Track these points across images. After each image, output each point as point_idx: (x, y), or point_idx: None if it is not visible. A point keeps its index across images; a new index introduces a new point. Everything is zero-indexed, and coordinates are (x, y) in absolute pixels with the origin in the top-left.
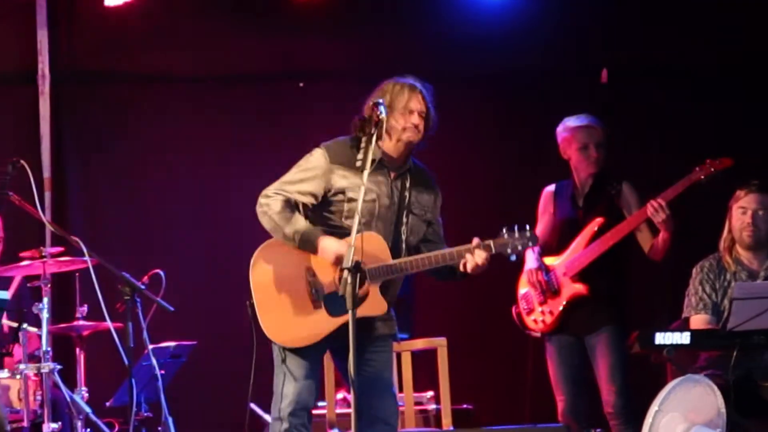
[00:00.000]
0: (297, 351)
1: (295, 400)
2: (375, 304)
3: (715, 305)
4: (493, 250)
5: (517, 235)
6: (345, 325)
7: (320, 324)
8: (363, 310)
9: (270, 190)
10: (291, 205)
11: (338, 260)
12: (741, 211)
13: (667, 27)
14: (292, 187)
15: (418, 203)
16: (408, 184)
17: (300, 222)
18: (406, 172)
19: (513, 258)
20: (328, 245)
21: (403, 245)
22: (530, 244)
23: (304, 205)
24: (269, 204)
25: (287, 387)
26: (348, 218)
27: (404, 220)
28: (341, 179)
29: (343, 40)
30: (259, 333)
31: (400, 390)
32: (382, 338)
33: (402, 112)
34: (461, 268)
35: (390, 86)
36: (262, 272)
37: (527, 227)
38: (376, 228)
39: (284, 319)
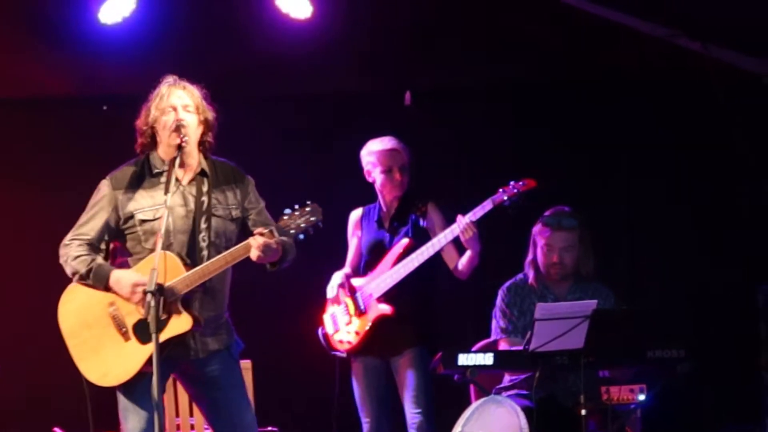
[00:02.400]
0: (129, 388)
1: None
2: (178, 322)
3: (524, 328)
4: (276, 235)
5: (298, 213)
6: (166, 347)
7: (135, 355)
8: (168, 332)
9: (67, 238)
10: (91, 248)
11: (134, 288)
12: (547, 249)
13: (467, 48)
14: (85, 227)
15: (220, 203)
16: (205, 188)
17: (92, 262)
18: (198, 176)
19: (301, 237)
20: (119, 276)
21: (204, 252)
22: (314, 218)
23: (109, 242)
24: (68, 252)
25: (130, 423)
26: (146, 241)
27: (202, 226)
28: (128, 202)
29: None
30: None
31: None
32: (213, 354)
33: (164, 112)
34: (255, 259)
35: (153, 94)
36: (68, 318)
37: (308, 202)
38: (177, 241)
39: (100, 360)
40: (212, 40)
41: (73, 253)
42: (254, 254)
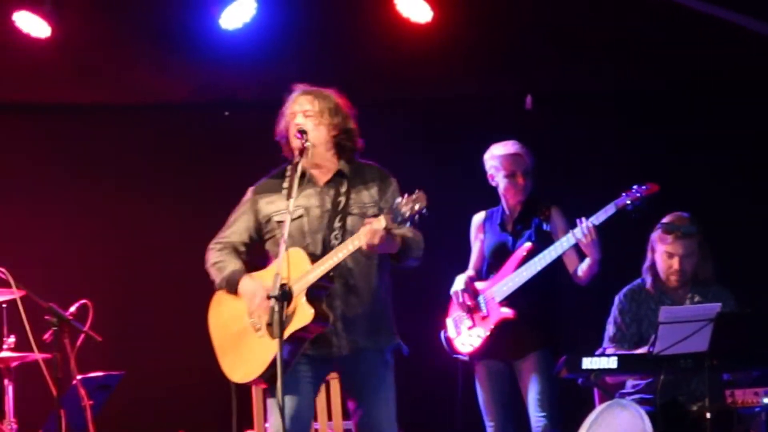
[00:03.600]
0: (274, 385)
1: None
2: (301, 316)
3: (633, 336)
4: (383, 222)
5: (404, 201)
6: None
7: (267, 350)
8: (291, 326)
9: (211, 242)
10: (228, 251)
11: (252, 299)
12: (667, 256)
13: (591, 52)
14: (227, 231)
15: (356, 203)
16: (344, 188)
17: (227, 268)
18: (337, 176)
19: (407, 224)
20: (243, 286)
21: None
22: (419, 205)
23: (249, 244)
24: (207, 258)
25: (272, 420)
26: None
27: (336, 225)
28: (267, 206)
29: (268, 69)
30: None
31: (329, 418)
32: (362, 352)
33: (287, 120)
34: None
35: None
36: (214, 317)
37: (416, 190)
38: (313, 240)
39: (238, 358)
40: (332, 45)
41: (211, 259)
42: (362, 240)
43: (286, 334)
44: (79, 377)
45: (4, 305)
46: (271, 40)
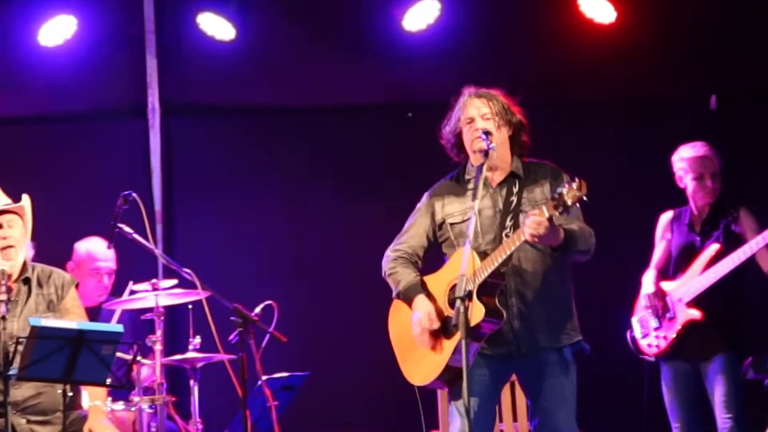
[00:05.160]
0: (455, 388)
1: None
2: (472, 313)
3: None
4: (546, 212)
5: (566, 189)
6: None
7: (442, 350)
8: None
9: (388, 248)
10: (403, 261)
11: (415, 324)
12: None
13: None
14: (404, 236)
15: (529, 202)
16: (516, 188)
17: (402, 280)
18: (509, 177)
19: (568, 214)
20: (415, 305)
21: None
22: (579, 193)
23: (426, 247)
24: (384, 266)
25: (454, 423)
26: (459, 244)
27: (507, 223)
28: (442, 209)
29: (451, 70)
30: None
31: (514, 419)
32: (541, 352)
33: (464, 123)
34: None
35: (456, 106)
36: (394, 323)
37: (575, 178)
38: (485, 241)
39: (415, 361)
40: (516, 47)
41: (386, 268)
42: (526, 232)
43: (459, 335)
44: (264, 378)
45: (190, 306)
46: (454, 42)
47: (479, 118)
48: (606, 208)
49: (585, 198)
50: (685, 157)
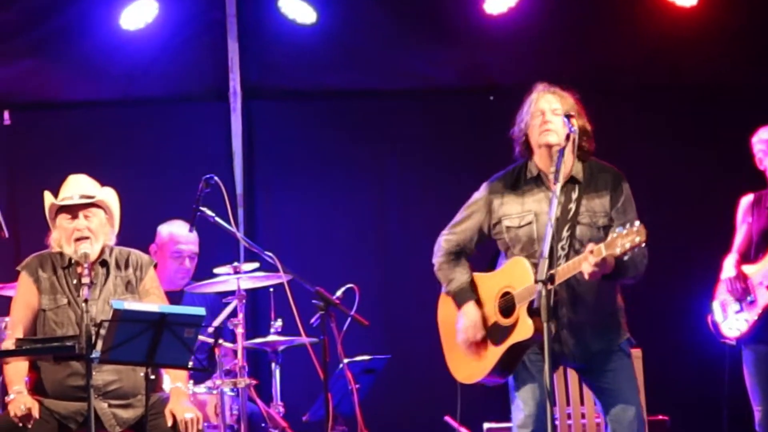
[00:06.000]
0: (516, 382)
1: (519, 426)
2: (522, 330)
3: None
4: (604, 253)
5: (625, 232)
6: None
7: (487, 356)
8: (512, 338)
9: (440, 237)
10: (454, 257)
11: (460, 332)
12: None
13: None
14: (459, 227)
15: (587, 211)
16: (575, 195)
17: (454, 281)
18: (569, 182)
19: (626, 258)
20: (463, 312)
21: (561, 261)
22: (638, 239)
23: (478, 241)
24: (435, 255)
25: (516, 414)
26: (514, 247)
27: (564, 234)
28: (500, 208)
29: (532, 54)
30: None
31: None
32: (596, 354)
33: (534, 117)
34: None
35: (526, 101)
36: (443, 314)
37: (636, 223)
38: (540, 250)
39: (460, 360)
40: (597, 31)
41: (437, 260)
42: (585, 271)
43: (505, 345)
44: (345, 361)
45: (271, 290)
46: (536, 25)
47: (549, 112)
48: (686, 191)
49: (644, 245)
50: (764, 139)
